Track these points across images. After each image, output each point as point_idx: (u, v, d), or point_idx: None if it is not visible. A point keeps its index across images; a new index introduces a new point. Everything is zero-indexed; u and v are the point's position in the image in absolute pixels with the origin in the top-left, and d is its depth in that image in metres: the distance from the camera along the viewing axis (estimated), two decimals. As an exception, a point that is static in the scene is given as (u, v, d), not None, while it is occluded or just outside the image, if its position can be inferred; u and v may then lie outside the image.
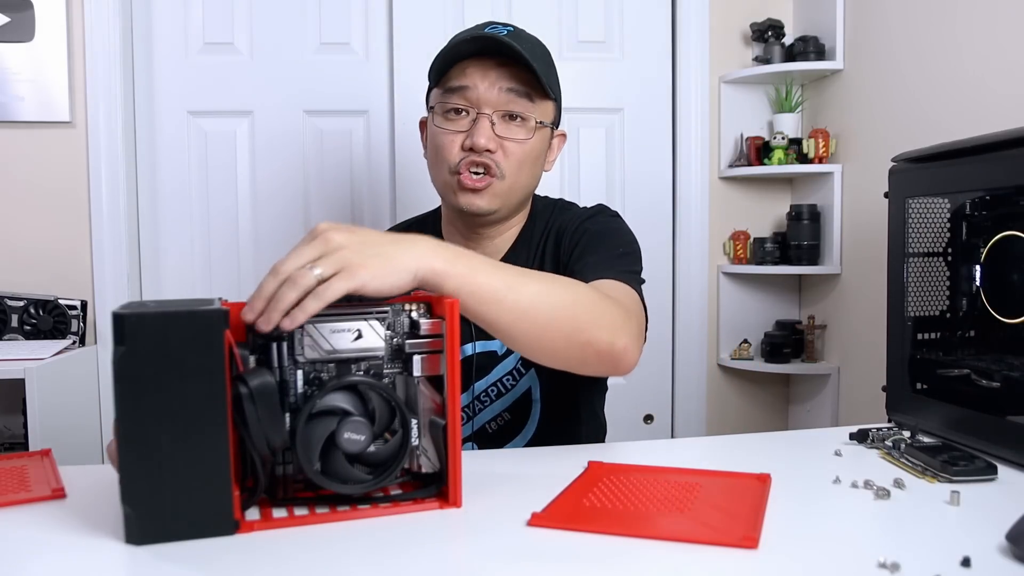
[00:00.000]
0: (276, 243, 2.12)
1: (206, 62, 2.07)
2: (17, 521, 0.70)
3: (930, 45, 1.77)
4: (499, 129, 1.06)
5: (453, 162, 1.07)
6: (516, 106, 1.06)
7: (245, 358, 0.66)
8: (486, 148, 1.05)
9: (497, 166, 1.06)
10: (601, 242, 1.07)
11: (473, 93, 1.05)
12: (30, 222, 1.99)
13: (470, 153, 1.05)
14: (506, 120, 1.07)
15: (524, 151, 1.07)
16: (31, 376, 1.61)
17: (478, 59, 1.06)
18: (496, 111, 1.06)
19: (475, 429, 1.12)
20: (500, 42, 1.02)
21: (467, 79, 1.05)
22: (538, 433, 1.13)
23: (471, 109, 1.06)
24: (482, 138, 1.04)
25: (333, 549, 0.63)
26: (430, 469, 0.73)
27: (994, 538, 0.63)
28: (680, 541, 0.63)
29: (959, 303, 1.02)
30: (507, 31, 1.06)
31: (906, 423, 0.99)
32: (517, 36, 1.06)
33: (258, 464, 0.65)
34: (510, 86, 1.05)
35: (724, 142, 2.26)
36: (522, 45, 1.03)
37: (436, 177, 1.12)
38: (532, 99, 1.07)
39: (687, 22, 2.21)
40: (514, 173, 1.08)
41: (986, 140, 0.92)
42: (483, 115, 1.05)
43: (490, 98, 1.05)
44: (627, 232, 1.13)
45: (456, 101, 1.06)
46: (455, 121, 1.07)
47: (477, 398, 1.12)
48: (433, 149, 1.10)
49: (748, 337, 2.30)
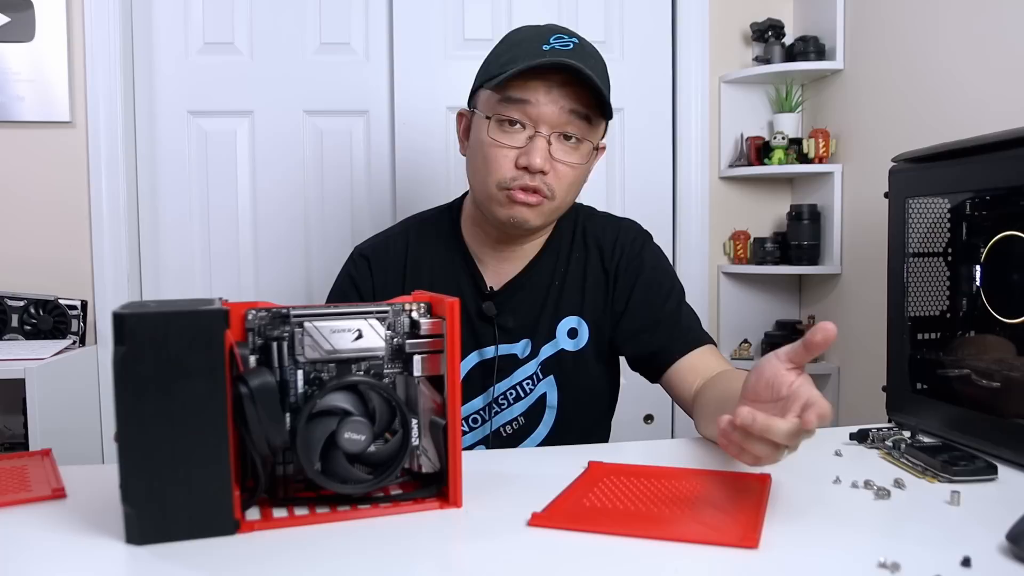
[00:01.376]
0: (276, 243, 2.12)
1: (206, 62, 2.07)
2: (17, 521, 0.70)
3: (930, 45, 1.77)
4: (555, 150, 1.02)
5: (504, 177, 1.02)
6: (575, 128, 1.02)
7: (245, 358, 0.66)
8: (541, 170, 1.01)
9: (549, 189, 1.03)
10: (671, 289, 1.14)
11: (534, 109, 1.01)
12: (30, 222, 1.99)
13: (523, 173, 1.01)
14: (561, 140, 1.03)
15: (576, 174, 1.05)
16: (31, 376, 1.61)
17: (542, 72, 1.00)
18: (554, 131, 1.02)
19: (491, 431, 1.12)
20: (569, 65, 0.98)
21: (529, 93, 1.00)
22: (548, 438, 1.13)
23: (528, 124, 1.02)
24: (538, 159, 1.00)
25: (333, 549, 0.63)
26: (430, 469, 0.73)
27: (994, 538, 0.63)
28: (680, 541, 0.63)
29: (959, 303, 1.02)
30: (573, 44, 1.03)
31: (906, 423, 0.99)
32: (582, 51, 1.02)
33: (258, 464, 0.65)
34: (572, 107, 1.01)
35: (724, 142, 2.26)
36: (587, 62, 1.00)
37: (480, 186, 1.07)
38: (591, 121, 1.04)
39: (687, 22, 2.20)
40: (563, 195, 1.05)
41: (986, 140, 0.92)
42: (540, 135, 1.01)
43: (550, 117, 1.01)
44: (672, 266, 1.19)
45: (514, 114, 1.01)
46: (510, 134, 1.02)
47: (495, 400, 1.11)
48: (482, 158, 1.05)
49: (748, 337, 2.30)
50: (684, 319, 1.11)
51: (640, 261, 1.13)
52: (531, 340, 1.12)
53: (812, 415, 0.65)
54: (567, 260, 1.14)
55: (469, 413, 1.11)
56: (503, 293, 1.12)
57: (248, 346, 0.68)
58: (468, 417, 1.11)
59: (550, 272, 1.14)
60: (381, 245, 1.18)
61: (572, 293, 1.13)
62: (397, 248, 1.16)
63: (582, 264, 1.14)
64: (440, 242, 1.16)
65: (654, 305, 1.11)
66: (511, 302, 1.12)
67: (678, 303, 1.13)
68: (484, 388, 1.11)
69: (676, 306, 1.12)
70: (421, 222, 1.20)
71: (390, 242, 1.18)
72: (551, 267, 1.14)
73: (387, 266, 1.15)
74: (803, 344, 0.72)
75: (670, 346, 1.08)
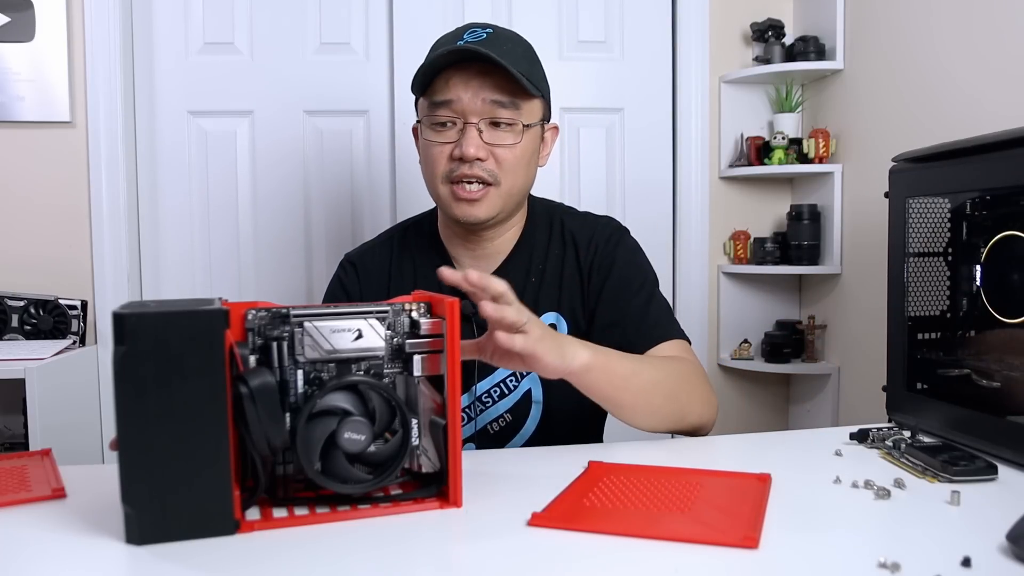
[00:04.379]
0: (276, 243, 2.12)
1: (206, 62, 2.07)
2: (17, 521, 0.70)
3: (930, 45, 1.77)
4: (487, 136, 1.06)
5: (444, 171, 1.07)
6: (502, 113, 1.06)
7: (245, 358, 0.66)
8: (476, 157, 1.05)
9: (491, 175, 1.06)
10: (641, 284, 1.14)
11: (458, 105, 1.05)
12: (30, 222, 1.99)
13: (460, 163, 1.06)
14: (493, 127, 1.06)
15: (515, 155, 1.08)
16: (31, 376, 1.61)
17: (460, 69, 1.05)
18: (482, 119, 1.05)
19: (477, 429, 1.12)
20: (478, 52, 1.02)
21: (451, 92, 1.05)
22: (537, 432, 1.13)
23: (458, 120, 1.06)
24: (471, 148, 1.04)
25: (333, 549, 0.63)
26: (430, 469, 0.73)
27: (994, 538, 0.63)
28: (680, 541, 0.63)
29: (959, 303, 1.02)
30: (486, 34, 1.06)
31: (906, 423, 0.99)
32: (495, 40, 1.06)
33: (258, 464, 0.65)
34: (493, 97, 1.05)
35: (724, 142, 2.26)
36: (501, 49, 1.03)
37: (430, 187, 1.12)
38: (517, 105, 1.06)
39: (687, 22, 2.21)
40: (509, 178, 1.08)
41: (986, 140, 0.92)
42: (470, 124, 1.05)
43: (475, 108, 1.05)
44: (648, 261, 1.18)
45: (442, 114, 1.06)
46: (443, 132, 1.07)
47: (479, 399, 1.12)
48: (425, 160, 1.11)
49: (748, 337, 2.30)
50: (652, 315, 1.11)
51: (612, 258, 1.14)
52: None
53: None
54: (544, 256, 1.16)
55: None
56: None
57: (248, 346, 0.68)
58: None
59: (525, 268, 1.15)
60: (368, 253, 1.22)
61: (550, 289, 1.14)
62: (382, 256, 1.21)
63: (559, 260, 1.15)
64: (420, 247, 1.20)
65: (622, 300, 1.12)
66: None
67: (648, 298, 1.13)
68: (466, 387, 1.11)
69: (644, 302, 1.12)
70: (404, 229, 1.25)
71: (376, 250, 1.22)
72: (526, 263, 1.15)
73: (372, 273, 1.19)
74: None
75: (634, 341, 1.07)
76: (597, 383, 0.89)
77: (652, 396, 0.95)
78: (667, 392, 0.97)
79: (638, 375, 0.94)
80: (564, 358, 0.83)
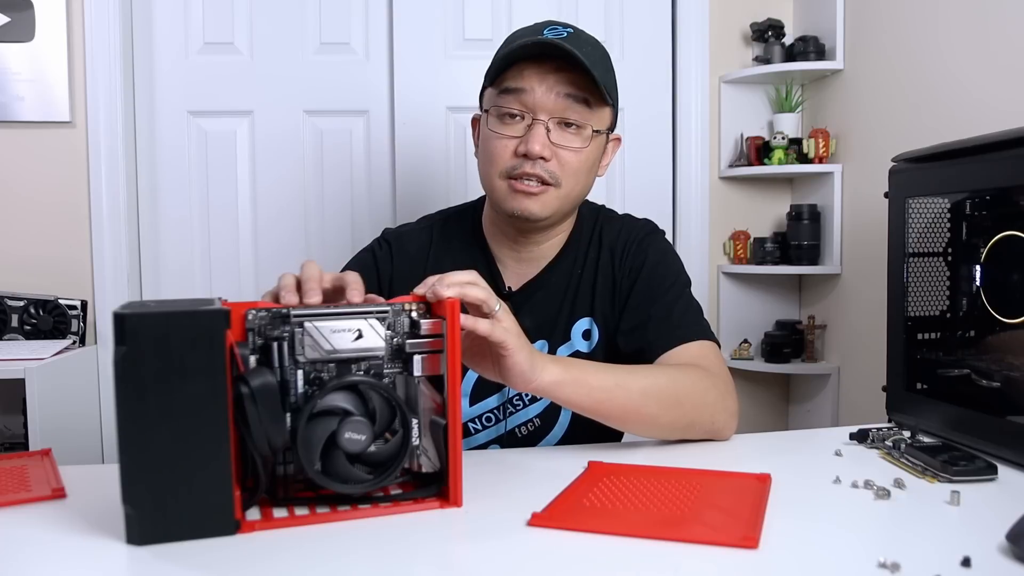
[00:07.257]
0: (276, 243, 2.12)
1: (206, 62, 2.07)
2: (17, 521, 0.70)
3: (930, 45, 1.77)
4: (554, 136, 1.02)
5: (505, 167, 1.03)
6: (573, 113, 1.02)
7: (246, 358, 0.66)
8: (540, 156, 1.01)
9: (552, 176, 1.03)
10: (669, 286, 1.11)
11: (529, 97, 1.01)
12: (30, 222, 1.99)
13: (523, 160, 1.02)
14: (561, 127, 1.03)
15: (579, 160, 1.05)
16: (31, 376, 1.61)
17: (536, 62, 1.02)
18: (552, 117, 1.02)
19: (506, 431, 1.12)
20: (559, 47, 0.99)
21: (524, 82, 1.02)
22: (564, 440, 1.12)
23: (526, 114, 1.02)
24: (537, 145, 1.00)
25: (333, 549, 0.63)
26: (430, 469, 0.73)
27: (994, 538, 0.63)
28: (680, 541, 0.63)
29: (959, 303, 1.02)
30: (567, 33, 1.03)
31: (906, 423, 0.99)
32: (576, 39, 1.03)
33: (259, 464, 0.66)
34: (568, 91, 1.01)
35: (724, 142, 2.26)
36: (581, 49, 1.00)
37: (486, 179, 1.08)
38: (590, 105, 1.03)
39: (687, 22, 2.21)
40: (570, 181, 1.05)
41: (986, 140, 0.92)
42: (539, 121, 1.01)
43: (547, 103, 1.01)
44: (680, 262, 1.16)
45: (511, 105, 1.03)
46: (510, 125, 1.03)
47: (510, 400, 1.11)
48: (485, 152, 1.07)
49: (748, 337, 2.30)
50: (675, 316, 1.09)
51: (643, 260, 1.12)
52: (548, 341, 1.11)
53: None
54: (583, 262, 1.14)
55: (483, 412, 1.11)
56: (521, 293, 1.12)
57: (248, 346, 0.68)
58: (482, 416, 1.11)
59: (568, 274, 1.13)
60: (407, 236, 1.18)
61: (585, 294, 1.13)
62: (421, 242, 1.17)
63: (595, 265, 1.13)
64: (462, 241, 1.16)
65: (649, 302, 1.10)
66: (529, 303, 1.11)
67: (674, 300, 1.10)
68: (499, 387, 1.10)
69: (672, 302, 1.10)
70: (444, 220, 1.20)
71: (414, 235, 1.18)
72: (569, 269, 1.13)
73: (407, 257, 1.15)
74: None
75: (655, 342, 1.05)
76: (574, 397, 0.87)
77: (644, 406, 0.91)
78: (666, 400, 0.93)
79: (623, 387, 0.91)
80: (534, 367, 0.82)
